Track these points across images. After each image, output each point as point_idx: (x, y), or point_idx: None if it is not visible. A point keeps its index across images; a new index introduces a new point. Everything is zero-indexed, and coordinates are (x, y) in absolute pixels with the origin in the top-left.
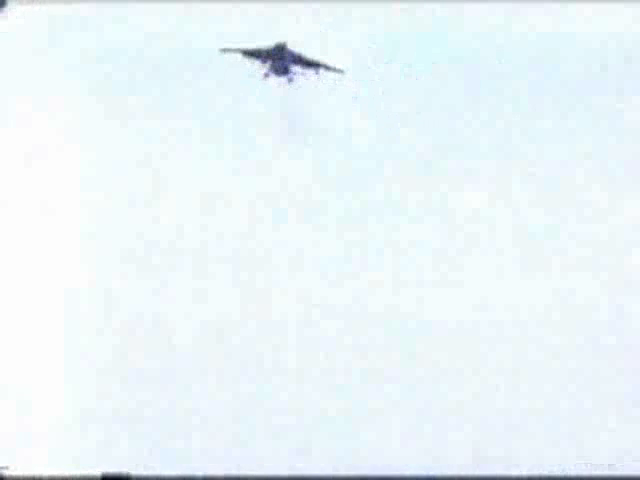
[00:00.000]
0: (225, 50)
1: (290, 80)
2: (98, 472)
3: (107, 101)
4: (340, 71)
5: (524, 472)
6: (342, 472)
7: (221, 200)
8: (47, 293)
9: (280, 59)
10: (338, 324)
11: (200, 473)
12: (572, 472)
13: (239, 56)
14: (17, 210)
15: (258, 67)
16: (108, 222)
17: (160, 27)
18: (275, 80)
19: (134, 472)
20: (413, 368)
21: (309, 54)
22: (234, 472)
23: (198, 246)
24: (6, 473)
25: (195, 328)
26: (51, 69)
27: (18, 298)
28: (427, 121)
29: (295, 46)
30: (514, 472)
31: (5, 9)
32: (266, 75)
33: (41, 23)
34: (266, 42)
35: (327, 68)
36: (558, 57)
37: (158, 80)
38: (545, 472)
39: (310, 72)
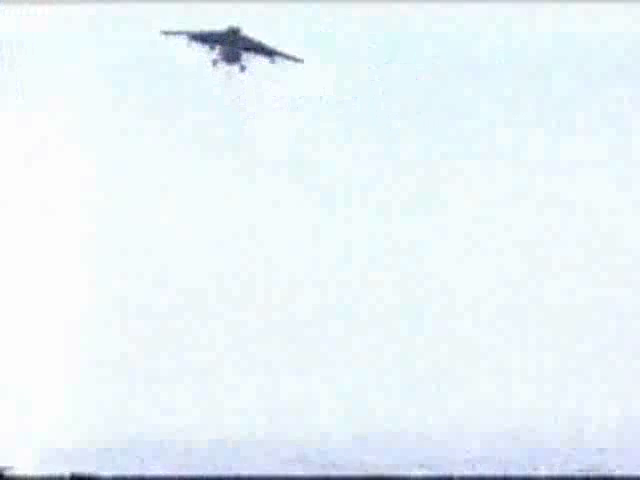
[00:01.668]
0: (168, 33)
1: (243, 68)
2: (98, 472)
3: (106, 101)
4: (300, 60)
5: (525, 472)
6: (342, 472)
7: (219, 200)
8: (47, 293)
9: (232, 44)
10: (338, 323)
11: (200, 473)
12: (571, 471)
13: (184, 40)
14: (17, 210)
15: (206, 53)
16: (108, 222)
17: (164, 27)
18: (225, 68)
19: (134, 472)
20: (413, 368)
21: (265, 41)
22: (234, 472)
23: (197, 245)
24: (6, 473)
25: (195, 328)
26: (51, 69)
27: (18, 298)
28: (425, 121)
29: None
30: (515, 472)
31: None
32: (215, 62)
33: (39, 23)
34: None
35: (284, 56)
36: (558, 57)
37: (156, 81)
38: (545, 472)
39: (265, 60)
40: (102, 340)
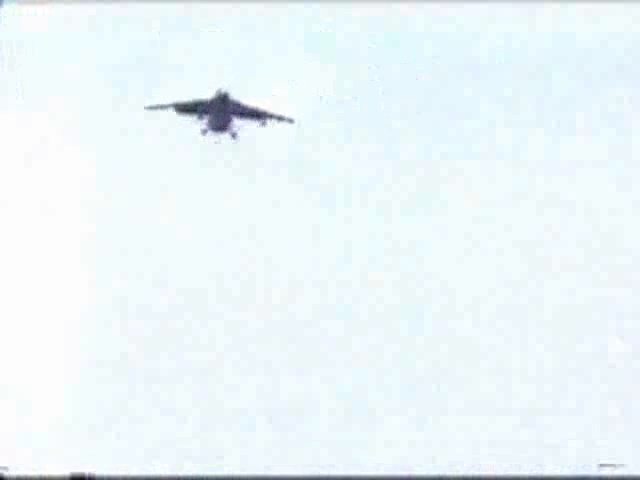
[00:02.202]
0: (153, 107)
1: (234, 136)
2: (97, 472)
3: (106, 101)
4: (290, 120)
5: (526, 472)
6: (343, 472)
7: (219, 200)
8: (47, 293)
9: (221, 112)
10: (338, 323)
11: (200, 473)
12: (572, 471)
13: (171, 113)
14: (17, 210)
15: (194, 122)
16: (108, 222)
17: (161, 27)
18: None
19: (133, 472)
20: (413, 368)
21: (254, 102)
22: (234, 472)
23: (197, 245)
24: (6, 473)
25: (195, 327)
26: (51, 69)
27: (18, 298)
28: (425, 121)
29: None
30: (516, 472)
31: (1, 9)
32: (204, 132)
33: (39, 23)
34: (208, 92)
35: (275, 117)
36: (558, 57)
37: (156, 80)
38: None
39: (255, 124)
40: (102, 340)
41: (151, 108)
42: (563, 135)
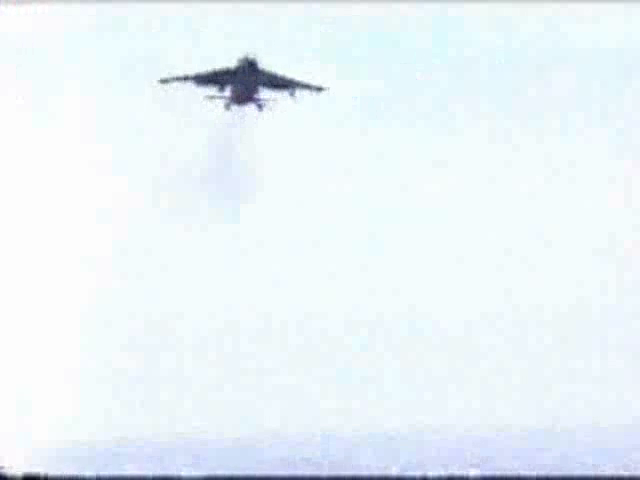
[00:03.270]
0: (168, 80)
1: (260, 107)
2: (97, 473)
3: (106, 101)
4: (320, 89)
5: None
6: (342, 472)
7: (219, 200)
8: (48, 294)
9: (246, 81)
10: (338, 324)
11: (200, 473)
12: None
13: (190, 85)
14: (18, 210)
15: (216, 95)
16: (108, 222)
17: (162, 27)
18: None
19: (133, 472)
20: (413, 368)
21: (283, 71)
22: (235, 472)
23: (197, 245)
24: (6, 473)
25: (195, 329)
26: (51, 69)
27: (19, 300)
28: (425, 121)
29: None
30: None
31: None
32: (228, 106)
33: (41, 23)
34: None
35: (304, 87)
36: (558, 57)
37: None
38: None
39: (284, 94)
40: (101, 341)
41: (167, 81)
42: (563, 135)
